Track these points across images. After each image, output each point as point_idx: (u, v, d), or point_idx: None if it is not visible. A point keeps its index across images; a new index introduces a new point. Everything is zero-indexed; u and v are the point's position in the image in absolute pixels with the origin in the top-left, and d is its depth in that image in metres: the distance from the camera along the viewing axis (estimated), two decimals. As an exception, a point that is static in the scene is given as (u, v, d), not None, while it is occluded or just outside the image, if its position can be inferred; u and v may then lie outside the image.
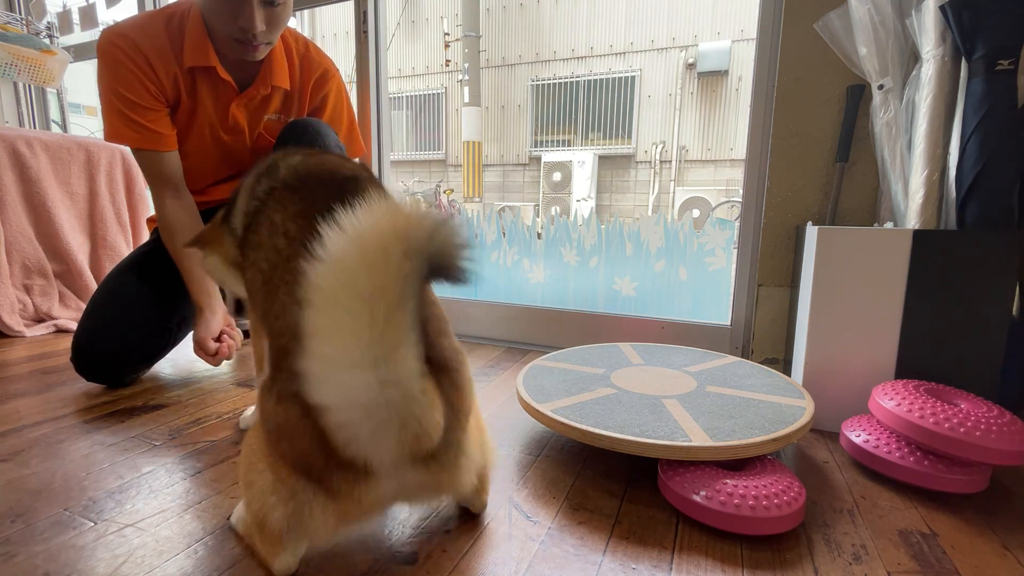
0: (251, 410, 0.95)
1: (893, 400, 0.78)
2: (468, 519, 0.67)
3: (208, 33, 1.05)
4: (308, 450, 0.48)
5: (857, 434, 0.82)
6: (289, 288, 0.55)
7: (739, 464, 0.72)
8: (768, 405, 0.82)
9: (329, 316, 0.42)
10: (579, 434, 0.76)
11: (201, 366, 1.27)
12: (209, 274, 0.95)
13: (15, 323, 1.54)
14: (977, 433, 0.69)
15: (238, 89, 1.12)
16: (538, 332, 1.51)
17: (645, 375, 0.98)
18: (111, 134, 1.06)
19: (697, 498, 0.66)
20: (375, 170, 1.69)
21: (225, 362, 1.31)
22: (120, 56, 1.02)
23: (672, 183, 7.37)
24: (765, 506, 0.63)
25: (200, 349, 1.09)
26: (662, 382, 0.94)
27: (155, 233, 1.25)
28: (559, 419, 0.79)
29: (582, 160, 7.23)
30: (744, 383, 0.93)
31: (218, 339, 1.11)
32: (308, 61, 1.20)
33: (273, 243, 0.60)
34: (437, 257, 0.43)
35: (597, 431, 0.74)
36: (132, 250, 1.45)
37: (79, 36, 2.29)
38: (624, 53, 7.50)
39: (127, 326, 1.10)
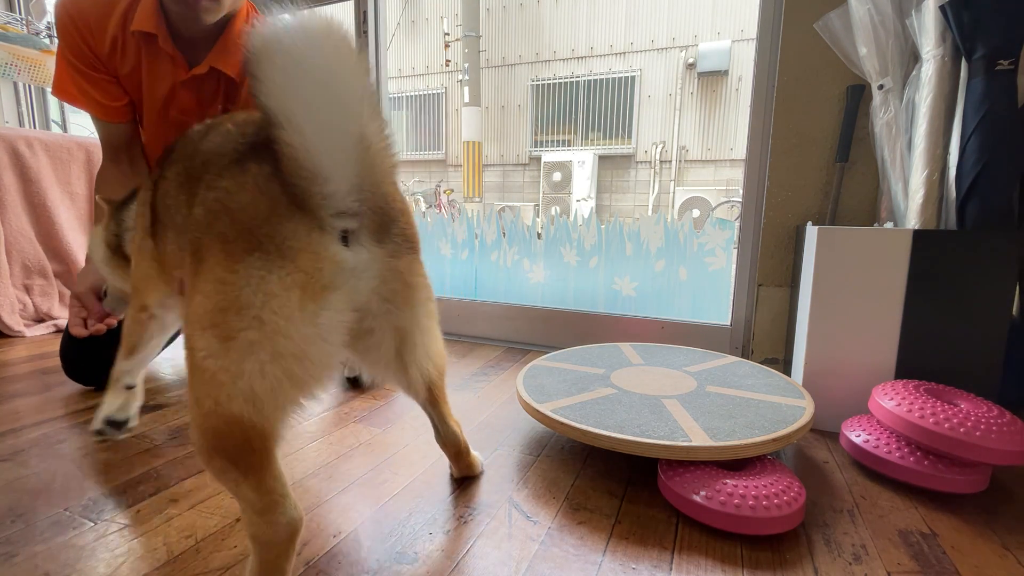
0: None
1: (893, 400, 0.78)
2: (468, 519, 0.67)
3: (161, 3, 0.99)
4: (252, 203, 0.47)
5: (857, 434, 0.82)
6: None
7: (739, 464, 0.72)
8: (768, 405, 0.82)
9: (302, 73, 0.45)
10: (579, 434, 0.76)
11: (201, 366, 1.27)
12: (90, 240, 0.98)
13: (15, 323, 1.54)
14: (977, 433, 0.69)
15: (188, 67, 1.04)
16: (538, 332, 1.51)
17: (645, 375, 0.98)
18: (56, 88, 1.06)
19: (697, 498, 0.66)
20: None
21: None
22: (64, 17, 1.00)
23: (672, 183, 7.37)
24: (765, 506, 0.63)
25: (73, 303, 1.05)
26: (662, 382, 0.94)
27: None
28: (559, 419, 0.79)
29: (582, 160, 7.23)
30: (744, 383, 0.93)
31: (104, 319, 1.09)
32: None
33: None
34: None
35: (597, 431, 0.74)
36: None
37: (79, 36, 2.28)
38: (624, 53, 7.50)
39: (110, 327, 1.07)
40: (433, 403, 0.69)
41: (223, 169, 0.50)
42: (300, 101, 0.44)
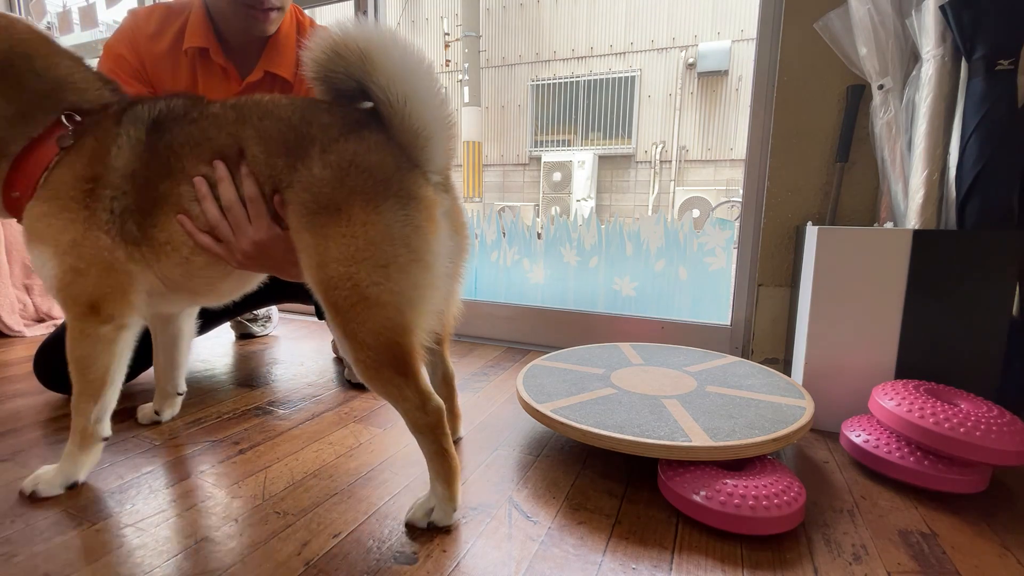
0: (148, 407, 0.96)
1: (893, 400, 0.78)
2: (468, 519, 0.67)
3: (208, 15, 1.00)
4: (381, 161, 0.62)
5: (857, 434, 0.82)
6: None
7: (739, 464, 0.72)
8: (768, 405, 0.82)
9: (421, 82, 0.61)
10: (579, 434, 0.76)
11: (200, 366, 1.27)
12: None
13: (15, 323, 1.54)
14: (977, 433, 0.69)
15: (240, 77, 1.04)
16: (538, 332, 1.51)
17: (645, 375, 0.98)
18: None
19: (697, 498, 0.66)
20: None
21: (224, 363, 1.31)
22: (129, 17, 1.01)
23: (672, 183, 7.36)
24: (765, 506, 0.63)
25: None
26: (662, 382, 0.94)
27: None
28: (559, 419, 0.79)
29: (582, 160, 7.22)
30: (744, 383, 0.93)
31: None
32: None
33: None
34: None
35: (597, 431, 0.74)
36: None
37: (79, 36, 2.29)
38: (624, 53, 7.49)
39: None
40: (443, 340, 0.85)
41: (337, 137, 0.63)
42: (419, 86, 0.60)
